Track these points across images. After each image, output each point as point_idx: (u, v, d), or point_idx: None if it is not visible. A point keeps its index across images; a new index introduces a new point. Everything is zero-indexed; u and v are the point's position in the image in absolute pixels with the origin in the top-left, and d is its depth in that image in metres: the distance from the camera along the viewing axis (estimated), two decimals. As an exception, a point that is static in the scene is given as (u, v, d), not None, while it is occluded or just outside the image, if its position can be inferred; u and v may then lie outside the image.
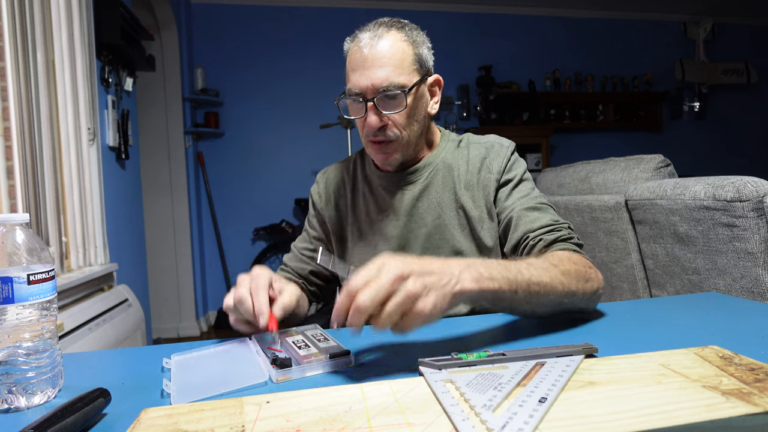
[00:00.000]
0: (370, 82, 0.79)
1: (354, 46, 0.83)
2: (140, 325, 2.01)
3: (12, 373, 0.47)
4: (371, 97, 0.80)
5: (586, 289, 0.67)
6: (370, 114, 0.81)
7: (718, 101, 4.59)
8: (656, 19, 4.42)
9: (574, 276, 0.66)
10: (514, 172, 0.89)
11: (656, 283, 1.46)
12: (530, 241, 0.80)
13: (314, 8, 3.76)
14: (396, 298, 0.48)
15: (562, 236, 0.78)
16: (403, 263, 0.50)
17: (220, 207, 3.68)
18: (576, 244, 0.78)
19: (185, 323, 3.42)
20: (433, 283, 0.50)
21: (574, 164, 1.96)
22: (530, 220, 0.82)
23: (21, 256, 0.48)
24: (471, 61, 4.02)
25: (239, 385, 0.50)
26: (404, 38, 0.82)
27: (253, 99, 3.70)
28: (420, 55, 0.84)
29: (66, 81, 1.78)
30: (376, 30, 0.81)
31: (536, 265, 0.63)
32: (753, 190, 1.11)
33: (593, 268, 0.72)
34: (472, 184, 0.89)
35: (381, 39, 0.80)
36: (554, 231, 0.79)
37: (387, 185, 0.93)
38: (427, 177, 0.91)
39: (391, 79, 0.79)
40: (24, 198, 1.47)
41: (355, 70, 0.81)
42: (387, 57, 0.80)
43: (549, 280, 0.62)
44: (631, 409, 0.38)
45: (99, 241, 1.95)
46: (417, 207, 0.90)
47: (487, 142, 0.92)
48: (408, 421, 0.38)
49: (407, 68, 0.81)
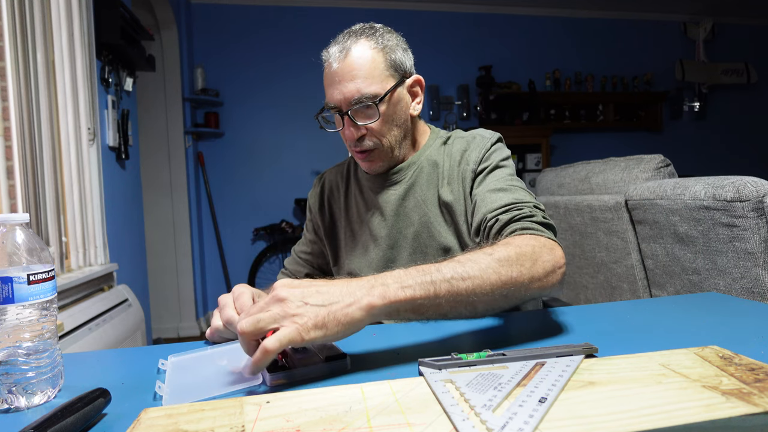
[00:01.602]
0: (342, 95, 0.81)
1: (326, 62, 0.84)
2: (140, 325, 2.01)
3: (12, 373, 0.47)
4: (346, 110, 0.81)
5: (534, 273, 0.60)
6: (347, 127, 0.83)
7: (718, 101, 4.59)
8: (656, 19, 4.42)
9: (515, 260, 0.59)
10: (491, 161, 0.85)
11: (656, 283, 1.46)
12: (488, 223, 0.75)
13: (314, 8, 3.76)
14: (266, 314, 0.49)
15: (521, 215, 0.72)
16: (287, 288, 0.51)
17: (220, 207, 3.68)
18: (540, 223, 0.71)
19: (185, 323, 3.42)
20: (303, 310, 0.49)
21: (574, 164, 1.96)
22: (491, 201, 0.78)
23: (21, 256, 0.48)
24: (471, 61, 4.02)
25: (233, 387, 0.50)
26: (374, 46, 0.82)
27: (253, 99, 3.70)
28: (394, 60, 0.83)
29: (66, 81, 1.77)
30: (344, 42, 0.82)
31: (462, 260, 0.57)
32: (753, 190, 1.11)
33: (548, 246, 0.64)
34: (453, 178, 0.88)
35: (349, 51, 0.81)
36: (512, 210, 0.73)
37: (374, 186, 0.94)
38: (411, 176, 0.91)
39: (362, 91, 0.80)
40: (24, 198, 1.47)
41: (328, 86, 0.83)
42: (356, 69, 0.80)
43: (478, 272, 0.56)
44: (631, 409, 0.38)
45: (99, 241, 1.95)
46: (403, 206, 0.90)
47: (469, 135, 0.92)
48: (408, 421, 0.38)
49: (378, 77, 0.81)
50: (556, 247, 0.66)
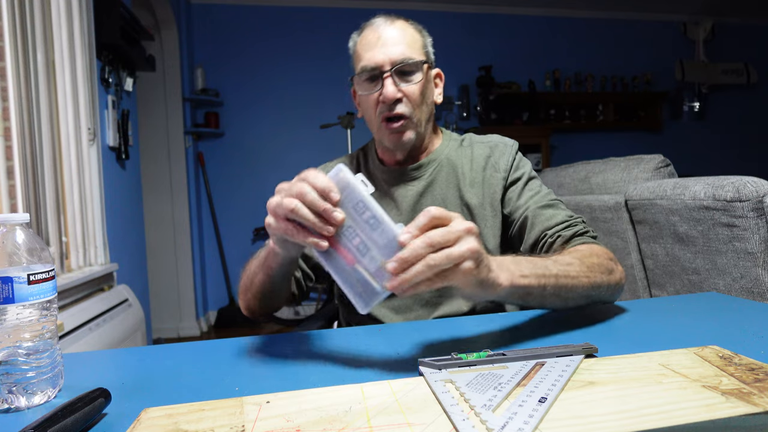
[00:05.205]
0: (387, 56, 0.83)
1: (367, 30, 0.87)
2: (140, 325, 2.01)
3: (12, 373, 0.47)
4: (390, 68, 0.83)
5: (611, 281, 0.69)
6: (388, 85, 0.83)
7: (718, 101, 4.59)
8: (656, 19, 4.42)
9: (598, 268, 0.67)
10: (522, 170, 0.90)
11: (656, 283, 1.46)
12: (548, 239, 0.81)
13: (314, 8, 3.76)
14: (461, 246, 0.47)
15: (579, 231, 0.80)
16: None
17: (220, 207, 3.68)
18: (592, 236, 0.80)
19: (185, 323, 3.42)
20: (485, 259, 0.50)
21: (574, 164, 1.96)
22: (546, 217, 0.83)
23: (21, 256, 0.48)
24: (471, 61, 4.01)
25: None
26: (414, 27, 0.88)
27: (254, 99, 3.70)
28: (427, 45, 0.89)
29: (66, 81, 1.77)
30: (387, 17, 0.87)
31: (561, 261, 0.64)
32: (753, 190, 1.11)
33: (614, 259, 0.74)
34: (477, 182, 0.89)
35: (395, 22, 0.87)
36: (571, 226, 0.81)
37: (390, 180, 0.93)
38: (432, 173, 0.91)
39: (406, 54, 0.83)
40: (24, 198, 1.47)
41: (370, 49, 0.84)
42: (401, 37, 0.85)
43: (576, 274, 0.63)
44: (631, 409, 0.38)
45: (99, 241, 1.95)
46: (421, 203, 0.90)
47: (490, 142, 0.94)
48: (408, 421, 0.38)
49: (418, 50, 0.86)
50: (618, 262, 0.75)
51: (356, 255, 0.49)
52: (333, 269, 0.51)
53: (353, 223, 0.50)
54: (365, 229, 0.49)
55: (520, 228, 0.87)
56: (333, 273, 0.51)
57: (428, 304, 0.88)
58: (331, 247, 0.50)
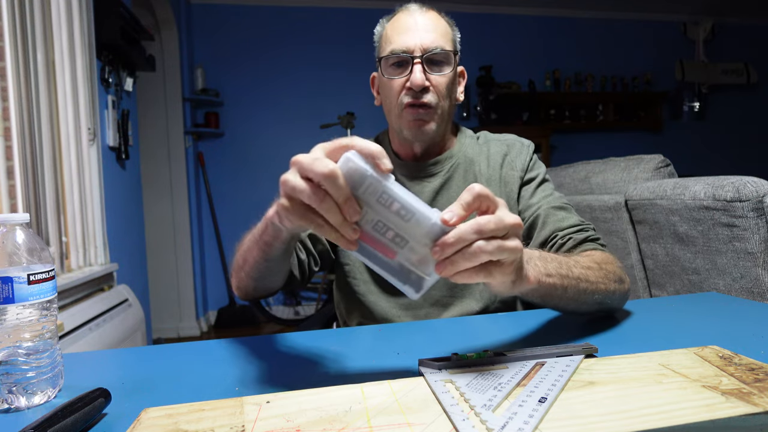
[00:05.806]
0: (419, 41, 0.81)
1: (401, 14, 0.86)
2: (140, 325, 2.01)
3: (12, 373, 0.47)
4: (421, 54, 0.82)
5: (621, 290, 0.69)
6: (417, 72, 0.81)
7: (718, 101, 4.59)
8: (656, 19, 4.42)
9: (613, 276, 0.67)
10: (537, 171, 0.91)
11: (656, 283, 1.46)
12: (558, 240, 0.81)
13: (314, 8, 3.76)
14: (513, 241, 0.43)
15: (590, 236, 0.80)
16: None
17: (220, 207, 3.68)
18: (601, 245, 0.80)
19: (185, 323, 3.42)
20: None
21: (574, 164, 1.96)
22: (558, 218, 0.83)
23: (21, 256, 0.48)
24: (471, 61, 4.01)
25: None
26: (446, 20, 0.89)
27: (253, 99, 3.69)
28: (456, 40, 0.89)
29: (66, 81, 1.77)
30: (421, 5, 0.87)
31: (582, 264, 0.63)
32: (753, 190, 1.11)
33: (623, 268, 0.74)
34: (493, 180, 0.89)
35: (430, 10, 0.86)
36: (582, 231, 0.81)
37: (407, 173, 0.91)
38: (449, 170, 0.90)
39: (438, 42, 0.82)
40: (24, 198, 1.47)
41: (403, 33, 0.83)
42: (436, 25, 0.84)
43: (594, 280, 0.63)
44: (631, 409, 0.38)
45: (99, 241, 1.95)
46: (437, 200, 0.89)
47: (507, 140, 0.94)
48: (408, 421, 0.38)
49: (450, 41, 0.86)
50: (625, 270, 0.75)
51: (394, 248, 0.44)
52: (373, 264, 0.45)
53: (380, 217, 0.44)
54: (397, 223, 0.43)
55: (530, 226, 0.86)
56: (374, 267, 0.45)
57: (438, 303, 0.87)
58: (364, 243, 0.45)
